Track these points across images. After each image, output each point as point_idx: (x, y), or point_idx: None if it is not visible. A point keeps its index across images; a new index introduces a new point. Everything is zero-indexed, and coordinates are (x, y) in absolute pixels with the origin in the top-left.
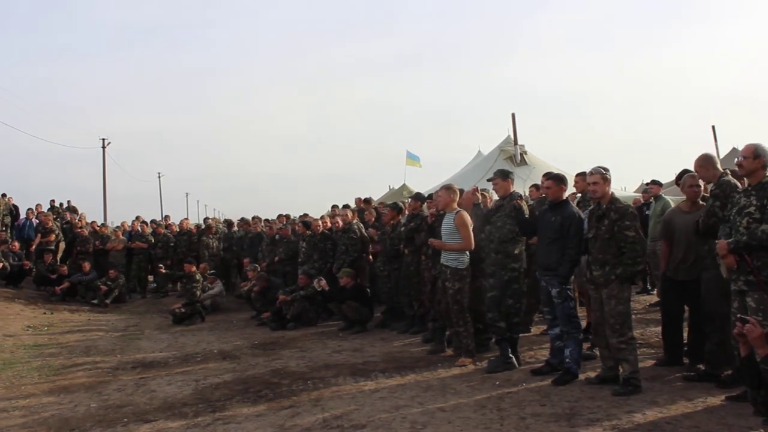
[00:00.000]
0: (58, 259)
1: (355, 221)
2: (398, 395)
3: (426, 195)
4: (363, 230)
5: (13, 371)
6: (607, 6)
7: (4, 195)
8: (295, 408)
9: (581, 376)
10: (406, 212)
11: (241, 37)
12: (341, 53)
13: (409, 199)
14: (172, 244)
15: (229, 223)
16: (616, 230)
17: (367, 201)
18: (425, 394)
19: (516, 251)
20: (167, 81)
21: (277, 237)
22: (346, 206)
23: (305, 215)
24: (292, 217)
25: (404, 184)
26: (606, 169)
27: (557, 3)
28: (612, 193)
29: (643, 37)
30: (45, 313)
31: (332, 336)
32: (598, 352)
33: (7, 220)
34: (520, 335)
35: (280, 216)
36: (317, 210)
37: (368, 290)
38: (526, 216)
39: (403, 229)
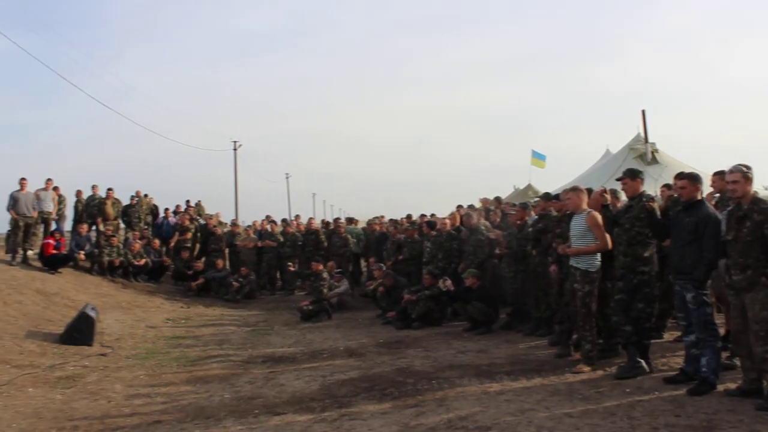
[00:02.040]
0: (194, 256)
1: (482, 222)
2: (524, 398)
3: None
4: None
5: (155, 360)
6: None
7: (146, 195)
8: (419, 407)
9: (719, 387)
10: (533, 213)
11: (359, 40)
12: (455, 55)
13: (537, 199)
14: (300, 243)
15: (350, 221)
16: (760, 233)
17: (498, 200)
18: (552, 398)
19: (646, 254)
20: (294, 85)
21: (402, 237)
22: (471, 206)
23: (432, 215)
24: (414, 218)
25: (529, 184)
26: (748, 167)
27: None
28: (755, 192)
29: None
30: (182, 307)
31: (457, 336)
32: (738, 362)
33: (149, 219)
34: (652, 341)
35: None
36: (443, 210)
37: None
38: (659, 218)
39: (530, 229)
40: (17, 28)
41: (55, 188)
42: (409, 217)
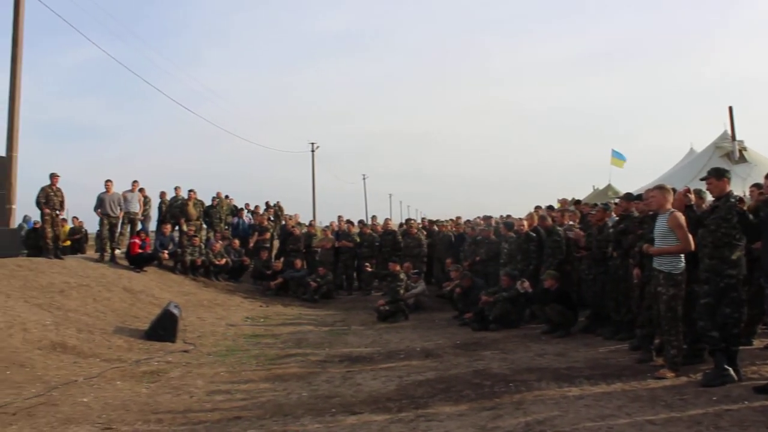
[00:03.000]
0: (273, 256)
1: (569, 223)
2: (604, 404)
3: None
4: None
5: (235, 358)
6: None
7: (227, 196)
8: (497, 410)
9: None
10: (613, 213)
11: (437, 39)
12: (528, 54)
13: (617, 200)
14: (377, 244)
15: (431, 223)
16: None
17: (578, 202)
18: (633, 404)
19: (733, 257)
20: (371, 86)
21: (479, 238)
22: (549, 207)
23: (508, 216)
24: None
25: (609, 185)
26: None
27: None
28: None
29: None
30: (261, 306)
31: (535, 339)
32: None
33: (229, 219)
34: (741, 348)
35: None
36: (519, 211)
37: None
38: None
39: (611, 230)
40: (104, 36)
41: (141, 190)
42: (486, 217)
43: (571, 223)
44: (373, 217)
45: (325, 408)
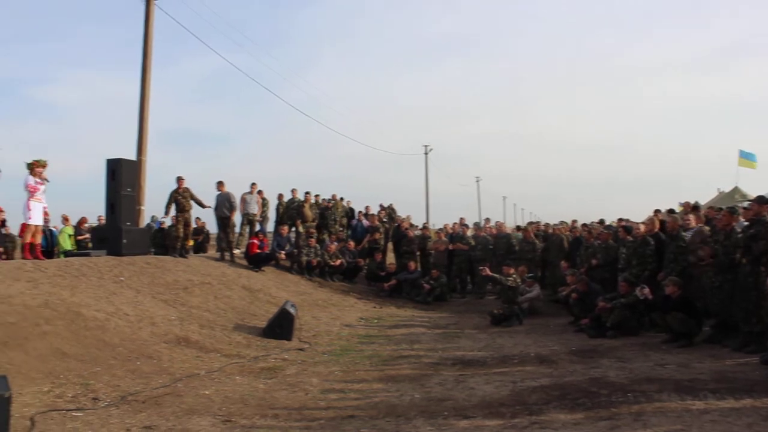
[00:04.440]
0: (386, 257)
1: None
2: (732, 420)
3: None
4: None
5: (349, 357)
6: None
7: (342, 198)
8: (614, 420)
9: None
10: (741, 218)
11: (551, 39)
12: (645, 51)
13: (747, 203)
14: (490, 247)
15: (547, 227)
16: None
17: (696, 207)
18: (765, 423)
19: None
20: (485, 87)
21: (596, 242)
22: (670, 211)
23: (626, 219)
24: (608, 223)
25: (736, 187)
26: None
27: None
28: None
29: None
30: (375, 307)
31: (655, 348)
32: None
33: (344, 221)
34: None
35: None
36: (637, 215)
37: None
38: None
39: (740, 236)
40: (222, 43)
41: (259, 192)
42: (602, 221)
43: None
44: (486, 220)
45: (438, 411)
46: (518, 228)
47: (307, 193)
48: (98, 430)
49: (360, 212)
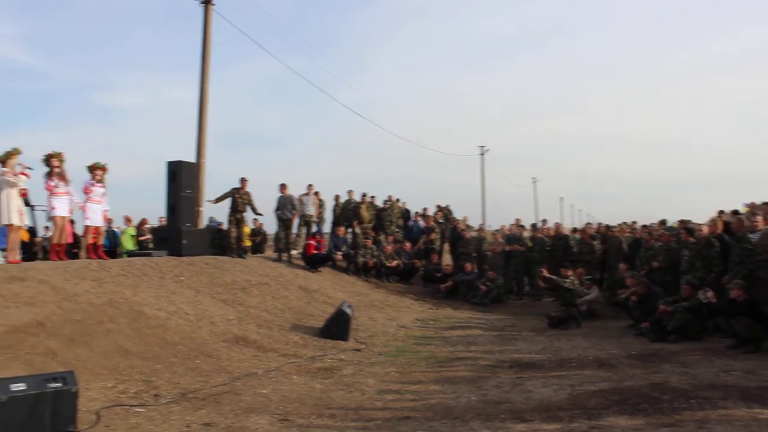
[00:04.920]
0: (443, 259)
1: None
2: None
3: None
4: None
5: (405, 358)
6: None
7: (398, 200)
8: (676, 427)
9: None
10: None
11: (606, 38)
12: (721, 42)
13: None
14: (548, 248)
15: (607, 228)
16: None
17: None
18: None
19: None
20: (542, 87)
21: (657, 244)
22: (735, 212)
23: (687, 221)
24: (669, 224)
25: None
26: None
27: None
28: None
29: None
30: (431, 308)
31: (719, 353)
32: None
33: (400, 222)
34: None
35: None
36: (701, 216)
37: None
38: None
39: None
40: (278, 46)
41: (316, 193)
42: (663, 222)
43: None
44: (543, 221)
45: (495, 413)
46: (576, 230)
47: (364, 195)
48: (159, 425)
49: (416, 213)
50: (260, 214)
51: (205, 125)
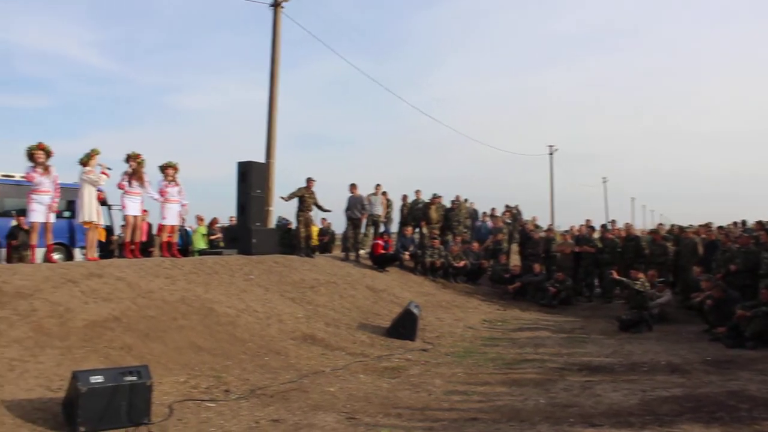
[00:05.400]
0: (511, 259)
1: None
2: None
3: None
4: None
5: (473, 359)
6: None
7: (465, 200)
8: None
9: None
10: None
11: (678, 34)
12: None
13: None
14: (619, 250)
15: (680, 229)
16: None
17: None
18: None
19: None
20: (609, 86)
21: (735, 246)
22: None
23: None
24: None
25: None
26: None
27: None
28: None
29: None
30: (498, 309)
31: None
32: None
33: (468, 222)
34: None
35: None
36: None
37: None
38: None
39: None
40: (346, 46)
41: (384, 193)
42: (744, 223)
43: None
44: (612, 222)
45: (563, 417)
46: (649, 231)
47: (434, 195)
48: (229, 420)
49: (484, 213)
50: (328, 210)
51: (275, 126)
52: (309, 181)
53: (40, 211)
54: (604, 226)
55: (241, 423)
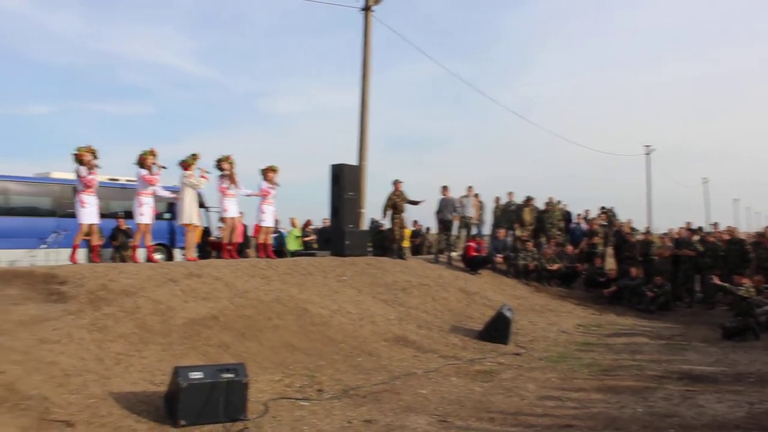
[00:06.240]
0: (606, 263)
1: None
2: None
3: None
4: None
5: (566, 365)
6: None
7: (559, 201)
8: None
9: None
10: None
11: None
12: None
13: None
14: (721, 254)
15: None
16: None
17: None
18: None
19: None
20: (706, 83)
21: None
22: None
23: None
24: None
25: None
26: None
27: None
28: None
29: None
30: (593, 314)
31: None
32: None
33: (561, 224)
34: None
35: None
36: None
37: None
38: None
39: None
40: (435, 48)
41: (476, 195)
42: None
43: None
44: (714, 225)
45: (662, 427)
46: (755, 233)
47: (527, 197)
48: (322, 419)
49: (578, 215)
50: (421, 202)
51: (367, 128)
52: (395, 183)
53: (145, 213)
54: (700, 228)
55: (334, 422)
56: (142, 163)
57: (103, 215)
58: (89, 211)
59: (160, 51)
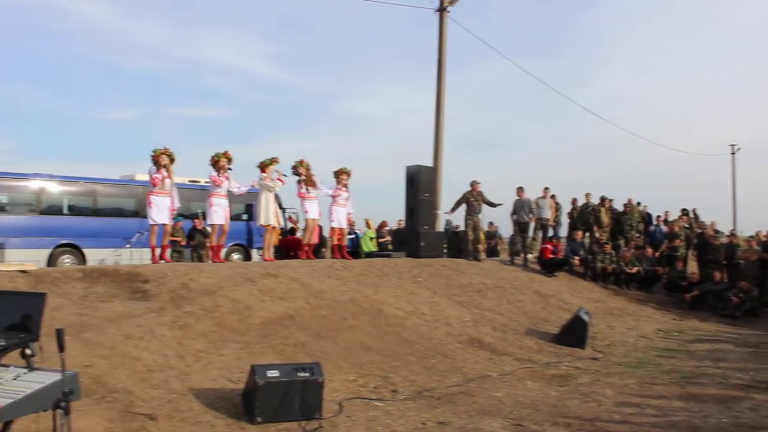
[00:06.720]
0: (688, 266)
1: None
2: None
3: None
4: None
5: (646, 371)
6: None
7: (638, 203)
8: None
9: None
10: None
11: None
12: None
13: None
14: None
15: None
16: None
17: None
18: None
19: None
20: None
21: None
22: None
23: None
24: None
25: None
26: None
27: None
28: None
29: None
30: (674, 319)
31: None
32: None
33: (641, 227)
34: None
35: None
36: None
37: None
38: None
39: None
40: (511, 48)
41: (552, 196)
42: None
43: None
44: None
45: None
46: None
47: (603, 198)
48: (396, 420)
49: (658, 217)
50: (499, 204)
51: (442, 129)
52: (473, 184)
53: (219, 214)
54: None
55: (408, 423)
56: (215, 164)
57: (183, 216)
58: (156, 211)
59: (241, 56)
